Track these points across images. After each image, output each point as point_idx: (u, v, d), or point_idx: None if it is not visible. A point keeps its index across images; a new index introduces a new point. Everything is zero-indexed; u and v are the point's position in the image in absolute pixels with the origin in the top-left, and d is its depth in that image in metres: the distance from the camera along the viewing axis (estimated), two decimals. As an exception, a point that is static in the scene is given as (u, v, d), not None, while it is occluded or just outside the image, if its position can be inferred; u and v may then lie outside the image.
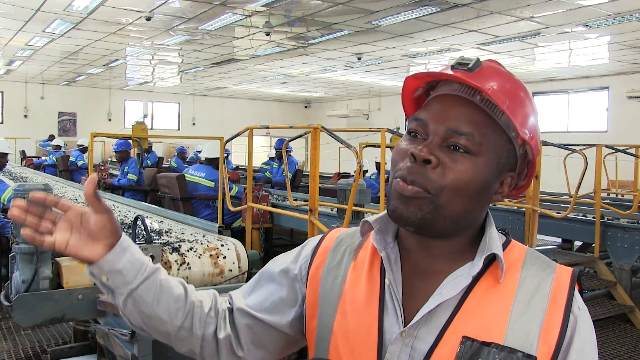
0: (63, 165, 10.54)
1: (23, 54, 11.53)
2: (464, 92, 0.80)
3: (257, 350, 0.95)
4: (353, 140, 3.64)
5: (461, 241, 0.83)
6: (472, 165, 0.77)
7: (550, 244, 6.10)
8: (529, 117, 0.81)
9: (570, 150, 5.51)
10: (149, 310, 0.88)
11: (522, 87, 0.83)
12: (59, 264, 2.93)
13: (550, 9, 7.17)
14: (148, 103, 17.29)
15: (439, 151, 0.78)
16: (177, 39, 9.65)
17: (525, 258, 0.82)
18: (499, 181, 0.82)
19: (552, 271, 0.80)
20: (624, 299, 4.76)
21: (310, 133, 3.63)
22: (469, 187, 0.77)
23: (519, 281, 0.79)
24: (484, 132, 0.78)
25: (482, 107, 0.79)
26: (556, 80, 13.58)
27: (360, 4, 7.20)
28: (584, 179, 4.79)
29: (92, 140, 3.38)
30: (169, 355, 2.73)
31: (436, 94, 0.84)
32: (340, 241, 0.94)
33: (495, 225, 0.85)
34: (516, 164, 0.83)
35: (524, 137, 0.79)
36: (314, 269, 0.93)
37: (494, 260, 0.80)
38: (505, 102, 0.78)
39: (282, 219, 5.80)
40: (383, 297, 0.83)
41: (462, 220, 0.80)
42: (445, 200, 0.77)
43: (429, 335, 0.78)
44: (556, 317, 0.76)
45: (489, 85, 0.78)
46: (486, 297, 0.78)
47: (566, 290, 0.78)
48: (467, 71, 0.79)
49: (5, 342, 3.91)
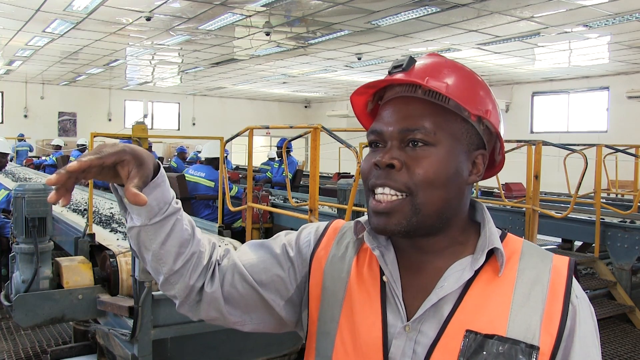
0: (63, 165, 10.49)
1: (23, 54, 11.53)
2: (406, 91, 0.82)
3: (241, 314, 0.94)
4: (353, 140, 3.63)
5: (452, 234, 0.83)
6: (435, 155, 0.79)
7: (550, 244, 6.11)
8: (477, 93, 0.82)
9: (570, 150, 5.50)
10: (152, 247, 0.86)
11: (461, 68, 0.84)
12: (59, 264, 2.93)
13: (550, 9, 7.17)
14: (148, 103, 17.43)
15: (399, 153, 0.79)
16: (177, 39, 9.66)
17: (523, 250, 0.83)
18: (470, 162, 0.83)
19: (550, 261, 0.81)
20: (624, 299, 4.75)
21: (310, 133, 3.63)
22: (439, 177, 0.78)
23: (518, 273, 0.80)
24: (435, 121, 0.79)
25: (428, 99, 0.81)
26: (556, 80, 13.58)
27: (360, 4, 7.20)
28: (584, 179, 4.79)
29: (92, 140, 3.38)
30: (169, 355, 2.73)
31: (383, 102, 0.86)
32: (344, 233, 0.94)
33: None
34: (483, 142, 0.84)
35: (476, 113, 0.80)
36: (317, 259, 0.93)
37: (492, 253, 0.81)
38: (445, 86, 0.79)
39: (282, 219, 5.80)
40: (384, 293, 0.84)
41: (446, 211, 0.81)
42: (422, 197, 0.78)
43: (432, 329, 0.79)
44: (556, 306, 0.77)
45: (425, 76, 0.80)
46: (487, 290, 0.79)
47: (564, 280, 0.79)
48: (402, 71, 0.82)
49: (5, 342, 3.90)
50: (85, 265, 2.97)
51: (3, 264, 4.40)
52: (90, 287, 2.90)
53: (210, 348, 2.87)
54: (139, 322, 2.50)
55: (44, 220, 2.84)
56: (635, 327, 4.65)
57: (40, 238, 2.83)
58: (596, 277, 4.93)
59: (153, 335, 2.58)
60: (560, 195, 7.27)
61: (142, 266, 2.39)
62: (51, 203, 0.77)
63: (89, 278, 2.92)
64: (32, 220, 2.79)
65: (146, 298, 2.47)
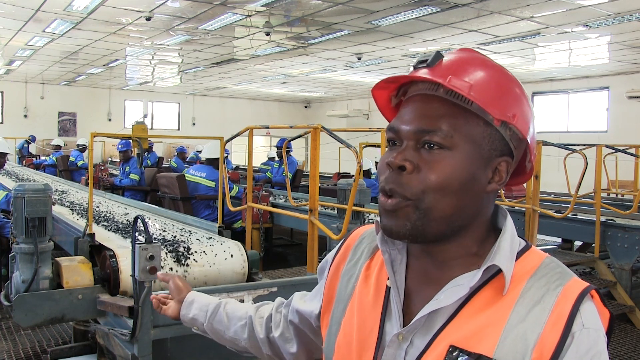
0: (63, 165, 10.54)
1: (23, 54, 11.53)
2: (428, 89, 0.77)
3: (305, 349, 1.06)
4: (353, 140, 3.63)
5: (466, 243, 0.79)
6: (450, 159, 0.74)
7: (550, 244, 6.11)
8: (505, 95, 0.77)
9: (570, 150, 5.50)
10: (223, 335, 1.16)
11: (492, 66, 0.79)
12: (59, 264, 2.93)
13: (550, 9, 7.17)
14: (148, 103, 17.42)
15: (413, 154, 0.76)
16: (177, 39, 9.65)
17: (539, 268, 0.76)
18: (491, 169, 0.77)
19: (562, 283, 0.74)
20: (624, 299, 4.75)
21: (310, 133, 3.63)
22: (451, 183, 0.74)
23: (522, 292, 0.74)
24: (454, 124, 0.74)
25: (449, 99, 0.76)
26: (556, 80, 13.57)
27: (360, 4, 7.20)
28: (584, 179, 4.79)
29: (92, 140, 3.38)
30: (169, 356, 2.73)
31: (406, 98, 0.82)
32: (362, 239, 0.94)
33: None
34: (509, 148, 0.78)
35: (500, 118, 0.75)
36: (335, 266, 0.95)
37: (501, 270, 0.75)
38: (468, 87, 0.74)
39: (282, 218, 5.80)
40: (387, 300, 0.83)
41: (457, 220, 0.76)
42: (430, 202, 0.74)
43: (422, 341, 0.76)
44: (554, 332, 0.70)
45: (449, 75, 0.75)
46: (484, 308, 0.74)
47: (570, 304, 0.71)
48: (427, 67, 0.77)
49: (5, 342, 3.90)
50: (85, 265, 2.97)
51: (3, 264, 4.41)
52: (90, 287, 2.90)
53: (210, 348, 2.87)
54: (139, 322, 2.50)
55: (44, 220, 2.84)
56: (635, 327, 4.66)
57: (40, 238, 2.83)
58: (596, 277, 4.93)
59: (153, 335, 2.58)
60: (560, 195, 7.27)
61: (142, 266, 2.40)
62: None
63: (89, 278, 2.92)
64: (32, 220, 2.79)
65: (146, 298, 2.47)
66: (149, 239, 2.42)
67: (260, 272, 3.51)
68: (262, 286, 2.93)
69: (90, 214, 3.29)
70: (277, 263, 5.80)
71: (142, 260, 2.39)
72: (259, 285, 2.95)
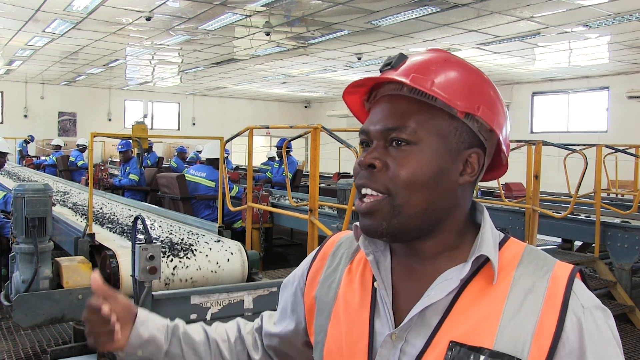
0: (63, 165, 10.54)
1: (23, 54, 11.53)
2: (394, 89, 0.80)
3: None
4: (353, 140, 3.63)
5: (446, 238, 0.80)
6: (417, 154, 0.76)
7: (550, 244, 6.12)
8: (469, 88, 0.78)
9: (570, 150, 5.51)
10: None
11: (455, 63, 0.80)
12: (59, 264, 2.93)
13: (550, 9, 7.17)
14: (148, 103, 17.42)
15: (382, 152, 0.78)
16: (177, 39, 9.66)
17: (523, 256, 0.78)
18: (461, 161, 0.78)
19: (550, 269, 0.76)
20: (624, 299, 4.75)
21: (310, 133, 3.63)
22: (420, 177, 0.75)
23: (513, 281, 0.75)
24: (419, 119, 0.77)
25: (414, 97, 0.78)
26: (556, 80, 13.58)
27: (360, 4, 7.20)
28: (584, 179, 4.79)
29: (92, 140, 3.37)
30: (169, 355, 2.72)
31: (374, 100, 0.84)
32: (340, 245, 0.94)
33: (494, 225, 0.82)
34: (478, 140, 0.79)
35: (464, 110, 0.76)
36: (312, 274, 0.94)
37: (488, 260, 0.77)
38: (430, 83, 0.76)
39: (282, 219, 5.80)
40: (374, 301, 0.83)
41: (432, 214, 0.77)
42: (402, 198, 0.76)
43: (419, 339, 0.76)
44: (550, 318, 0.71)
45: (411, 73, 0.77)
46: (477, 300, 0.75)
47: (562, 289, 0.73)
48: (391, 69, 0.80)
49: (5, 342, 3.90)
50: (85, 265, 2.97)
51: (3, 264, 4.40)
52: (90, 287, 2.90)
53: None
54: (139, 322, 2.50)
55: (44, 220, 2.84)
56: (635, 327, 4.66)
57: (40, 238, 2.83)
58: (596, 277, 4.93)
59: (153, 335, 2.58)
60: (560, 195, 7.27)
61: (142, 266, 2.40)
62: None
63: (89, 278, 2.92)
64: (32, 220, 2.79)
65: (146, 298, 2.47)
66: (149, 239, 2.42)
67: (260, 272, 3.51)
68: (262, 286, 2.94)
69: (90, 214, 3.29)
70: (277, 263, 5.80)
71: (142, 260, 2.39)
72: (259, 286, 2.95)
